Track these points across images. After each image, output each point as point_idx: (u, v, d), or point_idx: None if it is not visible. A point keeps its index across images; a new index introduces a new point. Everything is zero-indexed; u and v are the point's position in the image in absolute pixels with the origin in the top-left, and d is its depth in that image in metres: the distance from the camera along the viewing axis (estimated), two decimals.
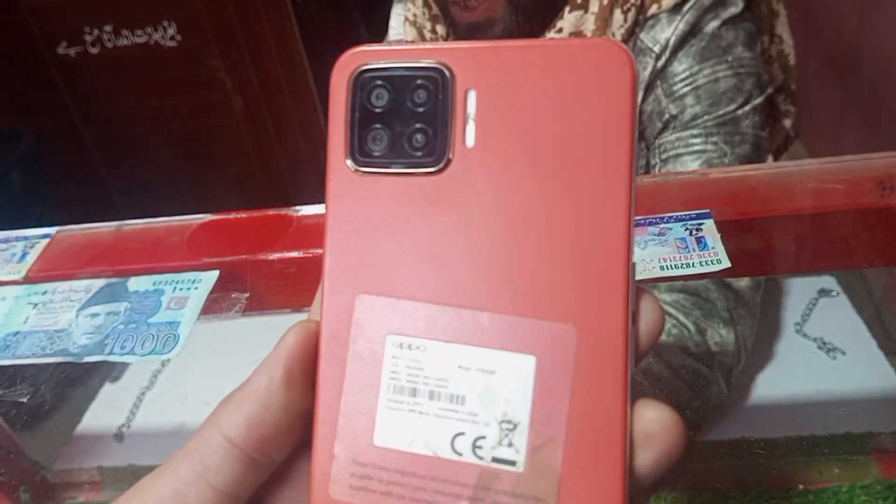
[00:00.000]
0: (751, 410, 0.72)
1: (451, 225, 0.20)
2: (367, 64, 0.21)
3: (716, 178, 0.51)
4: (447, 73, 0.21)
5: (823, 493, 0.63)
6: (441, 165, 0.20)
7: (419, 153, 0.21)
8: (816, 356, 0.76)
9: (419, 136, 0.21)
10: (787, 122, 0.82)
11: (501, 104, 0.20)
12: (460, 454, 0.20)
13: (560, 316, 0.19)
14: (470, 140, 0.20)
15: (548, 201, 0.20)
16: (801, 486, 0.64)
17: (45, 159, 1.99)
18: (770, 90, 0.75)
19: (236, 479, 0.22)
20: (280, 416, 0.22)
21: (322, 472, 0.21)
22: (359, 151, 0.21)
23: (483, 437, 0.20)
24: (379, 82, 0.21)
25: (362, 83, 0.21)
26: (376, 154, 0.21)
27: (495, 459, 0.19)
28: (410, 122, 0.21)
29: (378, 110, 0.21)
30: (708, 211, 0.48)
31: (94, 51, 1.98)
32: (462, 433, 0.20)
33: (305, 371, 0.22)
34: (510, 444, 0.19)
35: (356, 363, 0.21)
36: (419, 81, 0.21)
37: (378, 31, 0.93)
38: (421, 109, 0.21)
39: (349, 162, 0.21)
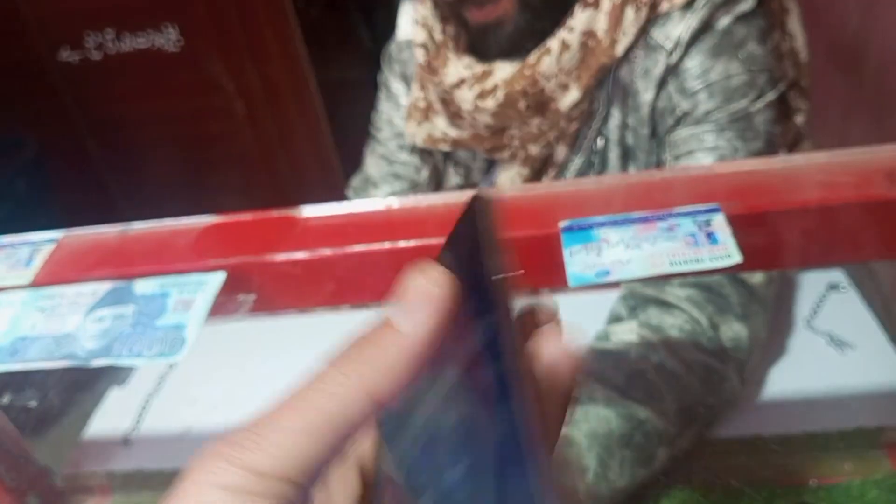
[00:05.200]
0: (762, 407, 0.71)
1: None
2: None
3: (724, 172, 0.51)
4: None
5: (835, 488, 0.63)
6: None
7: None
8: (826, 351, 0.75)
9: None
10: (799, 119, 0.81)
11: None
12: None
13: None
14: None
15: None
16: (812, 482, 0.64)
17: (50, 166, 1.99)
18: (783, 86, 0.74)
19: None
20: None
21: None
22: None
23: None
24: None
25: None
26: None
27: None
28: None
29: None
30: (717, 205, 0.47)
31: (97, 56, 1.98)
32: None
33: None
34: None
35: None
36: None
37: (380, 35, 0.93)
38: None
39: None
